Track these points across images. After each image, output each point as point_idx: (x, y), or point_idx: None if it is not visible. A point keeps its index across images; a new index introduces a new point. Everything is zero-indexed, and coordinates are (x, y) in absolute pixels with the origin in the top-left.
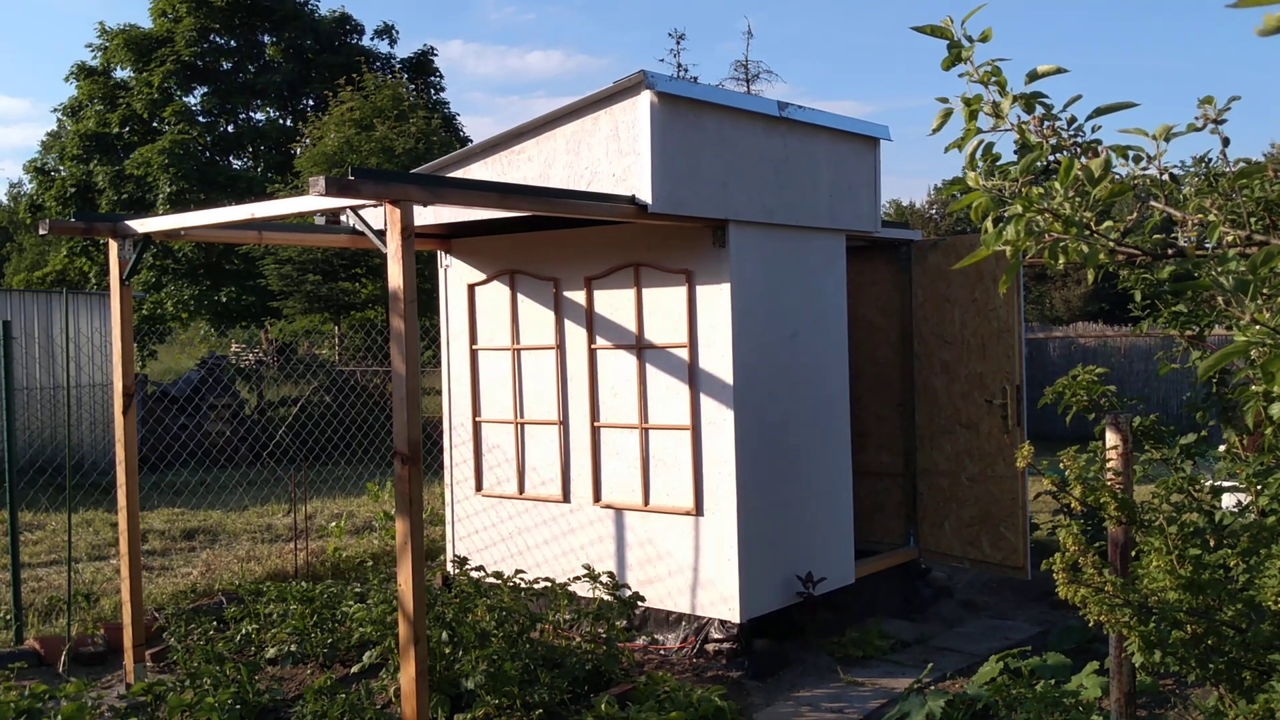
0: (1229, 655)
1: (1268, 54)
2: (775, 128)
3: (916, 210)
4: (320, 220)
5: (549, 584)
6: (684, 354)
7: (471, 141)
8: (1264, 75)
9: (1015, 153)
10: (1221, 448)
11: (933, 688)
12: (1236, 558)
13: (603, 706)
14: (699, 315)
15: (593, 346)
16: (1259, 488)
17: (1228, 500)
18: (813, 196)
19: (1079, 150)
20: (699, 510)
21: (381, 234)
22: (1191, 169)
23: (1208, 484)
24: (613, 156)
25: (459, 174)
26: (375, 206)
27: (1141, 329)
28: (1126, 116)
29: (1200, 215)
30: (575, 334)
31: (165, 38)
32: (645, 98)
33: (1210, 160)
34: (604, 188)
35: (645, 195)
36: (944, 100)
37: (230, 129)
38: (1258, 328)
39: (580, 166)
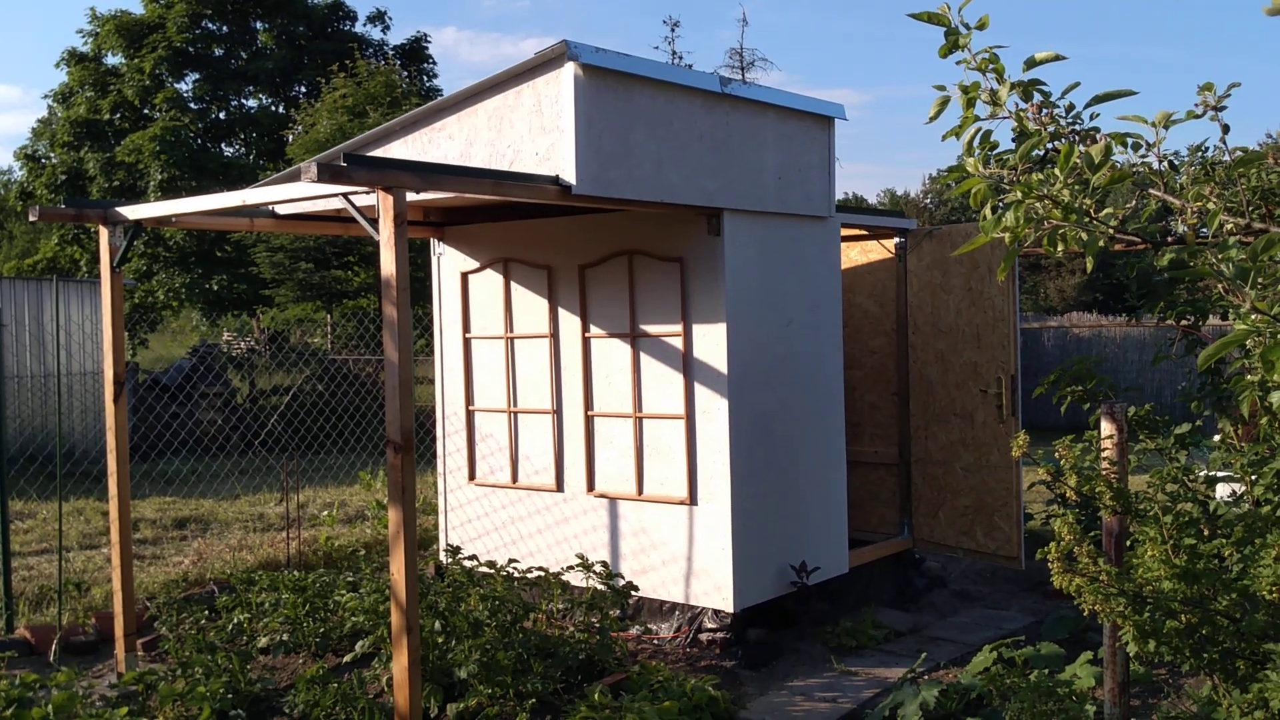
0: (1223, 645)
1: (1265, 44)
2: (717, 105)
3: (911, 200)
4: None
5: (542, 573)
6: (678, 342)
7: None
8: (1261, 66)
9: (1013, 140)
10: (1216, 437)
11: (926, 677)
12: (1231, 547)
13: (596, 696)
14: (693, 303)
15: (587, 335)
16: (1253, 477)
17: (1222, 490)
18: (757, 178)
19: (1077, 138)
20: (693, 499)
21: (375, 221)
22: (1187, 158)
23: (1202, 474)
24: (535, 134)
25: (379, 152)
26: (368, 193)
27: (1137, 319)
28: (1125, 104)
29: (1200, 203)
30: (569, 322)
31: (157, 24)
32: (569, 70)
33: (1207, 149)
34: (527, 167)
35: (569, 176)
36: (941, 88)
37: (222, 116)
38: (1256, 315)
39: (503, 145)
